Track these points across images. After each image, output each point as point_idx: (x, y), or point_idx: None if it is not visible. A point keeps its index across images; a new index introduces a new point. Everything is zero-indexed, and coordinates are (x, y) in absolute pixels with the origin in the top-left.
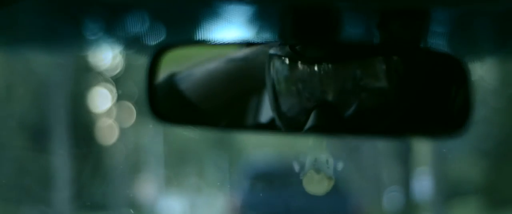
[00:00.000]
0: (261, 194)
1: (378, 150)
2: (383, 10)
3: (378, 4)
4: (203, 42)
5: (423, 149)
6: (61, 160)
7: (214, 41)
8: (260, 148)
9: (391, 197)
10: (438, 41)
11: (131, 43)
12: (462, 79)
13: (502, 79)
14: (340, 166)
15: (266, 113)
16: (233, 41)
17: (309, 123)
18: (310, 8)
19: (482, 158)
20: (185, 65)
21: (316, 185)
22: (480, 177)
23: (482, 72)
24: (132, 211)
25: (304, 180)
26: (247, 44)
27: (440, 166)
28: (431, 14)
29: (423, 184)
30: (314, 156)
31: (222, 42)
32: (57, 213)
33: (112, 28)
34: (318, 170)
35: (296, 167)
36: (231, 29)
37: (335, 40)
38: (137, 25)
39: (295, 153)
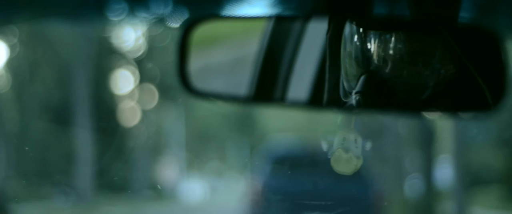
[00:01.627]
0: (282, 178)
1: (401, 137)
2: None
3: None
4: (233, 17)
5: (445, 137)
6: (83, 141)
7: (244, 16)
8: (281, 131)
9: (413, 184)
10: (477, 18)
11: (154, 25)
12: (498, 55)
13: None
14: (368, 145)
15: (298, 88)
16: (262, 15)
17: (357, 87)
18: None
19: (504, 146)
20: (216, 40)
21: (344, 164)
22: (502, 166)
23: None
24: (153, 193)
25: (332, 159)
26: (276, 18)
27: (462, 154)
28: None
29: (445, 172)
30: (342, 135)
31: (251, 16)
32: (79, 193)
33: (135, 10)
34: (346, 149)
35: (324, 146)
36: (253, 10)
37: (369, 15)
38: (160, 7)
39: (317, 137)
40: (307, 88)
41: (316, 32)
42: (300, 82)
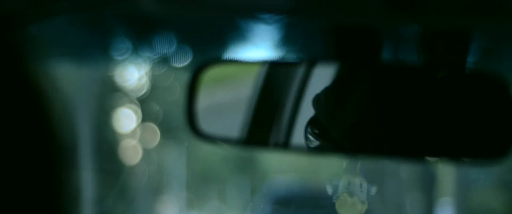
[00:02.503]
0: None
1: (402, 178)
2: (426, 31)
3: (422, 25)
4: (242, 61)
5: (447, 179)
6: (84, 179)
7: (252, 60)
8: (282, 172)
9: None
10: (481, 61)
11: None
12: (505, 101)
13: None
14: (373, 190)
15: (301, 133)
16: (270, 60)
17: (350, 140)
18: (352, 28)
19: (505, 190)
20: (224, 83)
21: (349, 209)
22: (504, 209)
23: None
24: None
25: (337, 203)
26: (287, 63)
27: (463, 197)
28: (473, 35)
29: None
30: (347, 179)
31: (260, 60)
32: None
33: (139, 49)
34: (351, 193)
35: (328, 190)
36: (257, 52)
37: (378, 61)
38: (164, 47)
39: (318, 179)
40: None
41: (321, 76)
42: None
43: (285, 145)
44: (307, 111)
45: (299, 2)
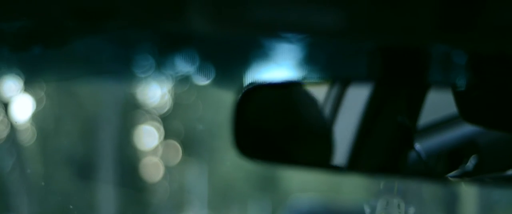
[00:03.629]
0: None
1: (424, 198)
2: (474, 53)
3: (471, 48)
4: (291, 82)
5: (470, 199)
6: (106, 196)
7: (300, 80)
8: (305, 191)
9: None
10: None
11: (180, 82)
12: None
13: None
14: (411, 211)
15: (342, 153)
16: (319, 80)
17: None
18: (400, 48)
19: None
20: (268, 104)
21: None
22: None
23: None
24: None
25: None
26: (339, 81)
27: None
28: None
29: None
30: (386, 200)
31: (308, 81)
32: None
33: (162, 67)
34: None
35: (367, 210)
36: (280, 71)
37: (423, 81)
38: (187, 65)
39: (340, 197)
40: (364, 153)
41: (357, 96)
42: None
43: (322, 164)
44: (343, 130)
45: (351, 22)
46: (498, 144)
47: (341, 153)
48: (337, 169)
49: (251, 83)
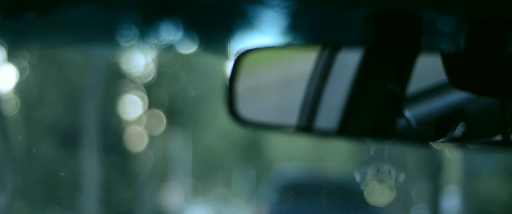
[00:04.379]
0: (289, 206)
1: (408, 167)
2: (469, 17)
3: (465, 11)
4: (285, 46)
5: (453, 168)
6: (90, 165)
7: (295, 44)
8: (288, 160)
9: None
10: None
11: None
12: None
13: None
14: (402, 177)
15: (332, 118)
16: (313, 44)
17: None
18: (394, 13)
19: (511, 178)
20: (265, 69)
21: (378, 196)
22: (509, 197)
23: None
24: None
25: (366, 190)
26: (329, 46)
27: (469, 185)
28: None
29: (452, 203)
30: (376, 166)
31: (303, 44)
32: None
33: (145, 36)
34: (380, 181)
35: (357, 177)
36: (264, 39)
37: (417, 46)
38: (170, 33)
39: (324, 166)
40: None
41: (347, 61)
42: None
43: (312, 128)
44: (334, 94)
45: None
46: (486, 110)
47: (331, 118)
48: (327, 134)
49: (244, 48)
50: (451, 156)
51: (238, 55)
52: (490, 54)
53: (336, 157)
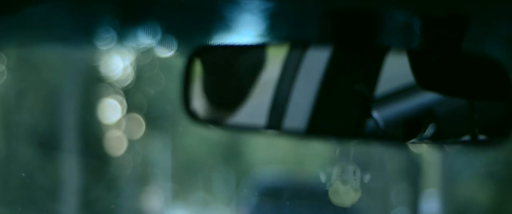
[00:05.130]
0: (268, 210)
1: (387, 169)
2: (425, 14)
3: (421, 8)
4: (238, 45)
5: (432, 170)
6: (69, 170)
7: (250, 43)
8: (268, 163)
9: None
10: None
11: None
12: (503, 86)
13: None
14: (367, 178)
15: (295, 116)
16: (265, 43)
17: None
18: (351, 11)
19: (490, 181)
20: (220, 67)
21: (342, 196)
22: (488, 201)
23: None
24: None
25: (330, 191)
26: (281, 45)
27: (449, 188)
28: (469, 19)
29: (431, 206)
30: (341, 167)
31: (257, 43)
32: None
33: (123, 39)
34: (344, 181)
35: (322, 178)
36: (243, 41)
37: (372, 44)
38: (148, 37)
39: (303, 169)
40: (315, 117)
41: (314, 60)
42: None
43: (278, 128)
44: (300, 94)
45: None
46: (455, 111)
47: (299, 118)
48: (295, 133)
49: (199, 46)
50: (431, 159)
51: (193, 52)
52: (454, 54)
53: (316, 160)
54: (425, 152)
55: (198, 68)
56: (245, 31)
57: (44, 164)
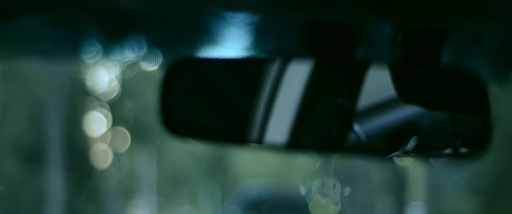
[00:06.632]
0: None
1: (372, 183)
2: (404, 28)
3: (397, 23)
4: (217, 59)
5: (417, 183)
6: (54, 183)
7: (228, 57)
8: (253, 176)
9: None
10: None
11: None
12: (482, 99)
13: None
14: (347, 191)
15: (276, 130)
16: (246, 57)
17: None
18: (328, 25)
19: (475, 194)
20: (197, 80)
21: (322, 210)
22: (473, 213)
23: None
24: None
25: (310, 204)
26: (260, 59)
27: (434, 201)
28: (448, 33)
29: None
30: (321, 180)
31: (236, 58)
32: None
33: (109, 52)
34: (324, 195)
35: (302, 191)
36: (228, 54)
37: (352, 58)
38: (134, 50)
39: (289, 182)
40: (293, 130)
41: (295, 73)
42: (281, 124)
43: (259, 142)
44: (282, 107)
45: None
46: (437, 124)
47: (281, 131)
48: (276, 147)
49: (178, 59)
50: (416, 172)
51: (171, 64)
52: (434, 68)
53: (302, 173)
54: (410, 165)
55: (177, 81)
56: (231, 45)
57: (28, 177)
